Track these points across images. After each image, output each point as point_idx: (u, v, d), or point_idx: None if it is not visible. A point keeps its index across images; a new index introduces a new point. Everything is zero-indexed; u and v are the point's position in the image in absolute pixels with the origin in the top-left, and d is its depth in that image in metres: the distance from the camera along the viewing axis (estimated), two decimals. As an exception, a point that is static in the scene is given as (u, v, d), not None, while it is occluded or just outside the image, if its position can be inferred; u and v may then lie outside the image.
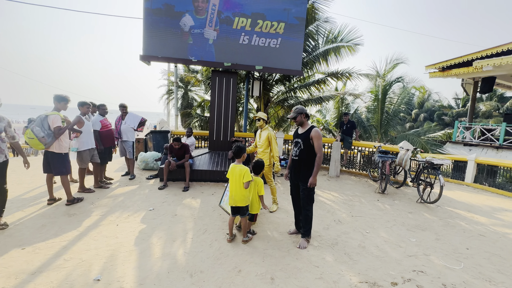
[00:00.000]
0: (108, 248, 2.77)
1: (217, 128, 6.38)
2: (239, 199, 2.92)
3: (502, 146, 9.32)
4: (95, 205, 3.95)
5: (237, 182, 2.91)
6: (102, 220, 3.44)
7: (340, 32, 8.45)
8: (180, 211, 3.87)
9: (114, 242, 2.91)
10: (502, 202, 5.47)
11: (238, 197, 2.91)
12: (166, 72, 15.10)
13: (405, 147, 5.90)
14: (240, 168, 2.93)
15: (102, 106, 5.05)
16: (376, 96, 11.54)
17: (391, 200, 5.04)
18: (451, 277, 2.54)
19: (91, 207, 3.86)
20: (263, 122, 4.00)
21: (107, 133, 4.98)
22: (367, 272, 2.55)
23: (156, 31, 5.64)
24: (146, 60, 5.85)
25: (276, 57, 6.06)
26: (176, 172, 5.25)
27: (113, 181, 5.25)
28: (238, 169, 2.92)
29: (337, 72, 8.87)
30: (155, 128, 8.24)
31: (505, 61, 8.35)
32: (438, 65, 11.44)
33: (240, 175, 2.89)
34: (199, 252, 2.78)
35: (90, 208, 3.82)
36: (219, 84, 6.27)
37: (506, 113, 16.19)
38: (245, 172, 2.90)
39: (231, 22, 5.80)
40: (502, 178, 7.06)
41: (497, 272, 2.69)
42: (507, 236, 3.63)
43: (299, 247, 2.94)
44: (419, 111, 29.54)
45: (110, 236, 3.03)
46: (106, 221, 3.43)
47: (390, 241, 3.25)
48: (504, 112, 18.03)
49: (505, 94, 24.11)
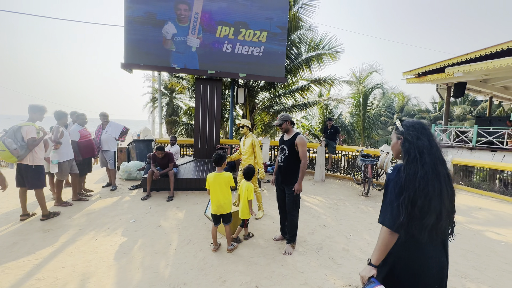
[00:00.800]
0: (85, 264, 2.64)
1: (202, 136, 6.33)
2: (226, 206, 2.92)
3: (475, 147, 9.87)
4: (73, 219, 3.77)
5: (223, 190, 2.92)
6: (80, 235, 3.29)
7: (321, 40, 8.73)
8: (163, 222, 3.77)
9: (93, 257, 2.78)
10: (477, 200, 5.76)
11: (226, 204, 2.92)
12: (150, 79, 14.89)
13: (385, 150, 6.11)
14: (224, 175, 2.95)
15: (81, 115, 4.89)
16: (357, 102, 11.94)
17: (374, 202, 5.17)
18: (430, 275, 2.63)
19: (68, 222, 3.68)
20: (247, 129, 4.02)
21: (86, 143, 4.81)
22: (350, 275, 2.59)
23: (137, 39, 5.59)
24: (127, 68, 5.76)
25: (260, 65, 6.16)
26: (160, 181, 5.14)
27: (93, 193, 5.05)
28: (222, 177, 2.93)
29: (320, 79, 9.13)
30: (139, 136, 8.05)
31: (473, 68, 8.94)
32: (414, 71, 12.04)
33: (226, 182, 2.93)
34: (183, 263, 2.71)
35: (67, 223, 3.64)
36: (203, 91, 6.26)
37: (478, 116, 17.21)
38: (229, 178, 2.96)
39: (214, 30, 5.86)
40: (477, 178, 7.45)
41: (472, 268, 2.82)
42: (481, 233, 3.81)
43: (284, 254, 2.94)
44: (400, 115, 30.76)
45: (88, 252, 2.89)
46: (84, 235, 3.28)
47: (373, 243, 3.32)
48: (476, 115, 19.16)
49: (476, 98, 25.66)
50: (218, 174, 2.95)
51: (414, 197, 1.19)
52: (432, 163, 1.23)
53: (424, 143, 1.26)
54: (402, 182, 1.23)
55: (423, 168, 1.22)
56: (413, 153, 1.26)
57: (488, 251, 3.23)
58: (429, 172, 1.21)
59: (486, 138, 9.67)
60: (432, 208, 1.18)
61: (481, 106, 24.90)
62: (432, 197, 1.19)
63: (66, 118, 4.32)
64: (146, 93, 19.22)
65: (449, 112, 19.35)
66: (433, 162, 1.24)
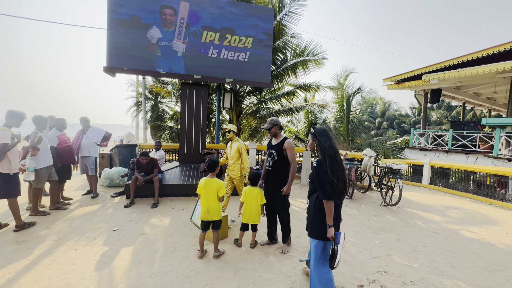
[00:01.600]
0: (63, 277, 2.52)
1: (187, 141, 6.26)
2: (214, 213, 2.89)
3: (451, 150, 10.43)
4: (50, 229, 3.58)
5: (212, 196, 2.89)
6: (57, 246, 3.13)
7: (306, 47, 8.96)
8: (148, 230, 3.67)
9: (71, 269, 2.66)
10: (453, 201, 6.07)
11: (214, 211, 2.89)
12: (134, 83, 14.56)
13: (368, 154, 6.32)
14: (216, 182, 2.93)
15: (60, 120, 4.70)
16: (341, 107, 12.29)
17: (358, 204, 5.32)
18: (410, 274, 2.74)
19: (45, 232, 3.50)
20: (233, 134, 4.03)
21: (65, 149, 4.61)
22: (336, 277, 2.64)
23: (121, 42, 5.49)
24: (110, 72, 5.62)
25: (246, 70, 6.22)
26: (144, 188, 5.01)
27: (73, 201, 4.84)
28: (214, 183, 2.91)
29: (305, 85, 9.33)
30: (122, 142, 7.82)
31: (447, 75, 9.50)
32: (394, 78, 12.62)
33: (216, 189, 2.90)
34: (168, 271, 2.65)
35: (44, 233, 3.46)
36: (189, 96, 6.22)
37: (452, 120, 18.22)
38: (221, 186, 2.92)
39: (199, 35, 5.87)
40: (453, 179, 7.86)
41: (449, 266, 2.96)
42: (456, 232, 4.02)
43: (281, 253, 3.09)
44: (381, 119, 31.92)
45: (66, 263, 2.76)
46: (62, 246, 3.13)
47: (357, 245, 3.42)
48: (451, 120, 20.28)
49: (451, 103, 27.20)
50: (210, 179, 2.94)
51: (332, 176, 2.00)
52: (334, 155, 2.07)
53: (328, 143, 2.11)
54: (324, 169, 2.04)
55: (332, 159, 2.05)
56: (326, 149, 2.08)
57: (463, 249, 3.41)
58: (334, 160, 2.05)
59: (461, 142, 10.25)
60: (340, 180, 2.02)
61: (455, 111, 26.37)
62: (339, 174, 2.04)
63: (45, 123, 4.15)
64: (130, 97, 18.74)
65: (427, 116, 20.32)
66: (335, 154, 2.08)
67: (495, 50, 9.12)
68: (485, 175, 6.98)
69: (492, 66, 8.42)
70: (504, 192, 6.11)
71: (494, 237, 3.87)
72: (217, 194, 2.89)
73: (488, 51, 9.24)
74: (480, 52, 9.46)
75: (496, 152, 8.65)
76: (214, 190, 2.89)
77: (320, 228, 2.12)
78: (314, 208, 2.17)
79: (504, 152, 8.51)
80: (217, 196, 2.90)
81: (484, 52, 9.36)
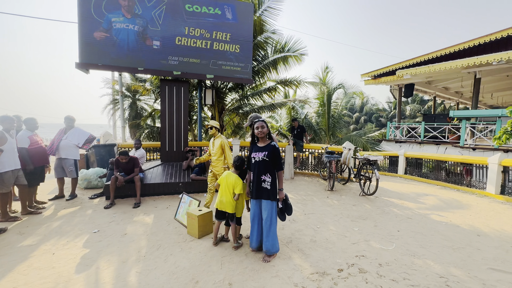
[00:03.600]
0: (42, 282, 2.44)
1: (169, 139, 6.16)
2: (227, 205, 3.03)
3: (423, 141, 11.13)
4: (24, 235, 3.42)
5: (228, 190, 3.02)
6: (33, 251, 3.01)
7: (286, 43, 9.08)
8: (130, 229, 3.62)
9: (50, 273, 2.58)
10: (425, 188, 6.53)
11: (228, 203, 3.03)
12: (110, 80, 13.96)
13: (347, 147, 6.60)
14: (235, 178, 3.03)
15: (30, 120, 4.45)
16: (322, 102, 12.63)
17: (339, 195, 5.57)
18: (385, 256, 2.96)
19: (19, 238, 3.34)
20: (216, 130, 4.05)
21: (37, 150, 4.38)
22: (317, 263, 2.79)
23: (94, 37, 5.25)
24: (83, 68, 5.38)
25: (227, 66, 6.20)
26: (125, 188, 4.90)
27: (47, 204, 4.63)
28: (232, 178, 3.02)
29: (286, 80, 9.48)
30: (99, 141, 7.53)
31: (419, 71, 10.08)
32: (371, 73, 13.15)
33: (232, 185, 3.00)
34: (153, 269, 2.66)
35: (16, 239, 3.30)
36: (169, 93, 6.11)
37: (425, 113, 19.36)
38: (237, 184, 3.00)
39: (180, 27, 5.76)
40: (425, 169, 8.43)
41: (420, 247, 3.22)
42: (427, 217, 4.36)
43: None
44: (360, 114, 33.14)
45: (44, 268, 2.67)
46: (38, 251, 3.01)
47: (337, 233, 3.60)
48: (423, 113, 21.53)
49: (424, 97, 28.81)
50: (232, 174, 3.07)
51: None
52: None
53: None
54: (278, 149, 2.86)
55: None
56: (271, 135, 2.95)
57: (432, 231, 3.71)
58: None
59: (432, 133, 10.96)
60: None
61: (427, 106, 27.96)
62: None
63: (11, 124, 3.89)
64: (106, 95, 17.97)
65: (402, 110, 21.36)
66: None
67: (461, 46, 9.81)
68: (453, 163, 7.56)
69: (457, 62, 9.06)
70: (470, 178, 6.67)
71: (460, 219, 4.24)
72: (232, 190, 3.01)
73: (455, 48, 9.93)
74: (449, 48, 10.13)
75: (462, 142, 9.37)
76: (230, 185, 3.01)
77: (276, 193, 2.84)
78: (275, 180, 2.84)
79: (469, 142, 9.24)
80: (232, 192, 3.01)
81: (451, 48, 10.03)
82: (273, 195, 2.82)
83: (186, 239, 3.35)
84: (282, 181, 2.85)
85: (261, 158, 2.81)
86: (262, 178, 2.82)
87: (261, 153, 2.82)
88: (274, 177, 2.83)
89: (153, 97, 14.45)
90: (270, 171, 2.82)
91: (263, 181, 2.82)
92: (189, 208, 3.80)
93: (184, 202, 4.00)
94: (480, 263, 2.87)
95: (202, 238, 3.37)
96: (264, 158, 2.80)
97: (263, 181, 2.82)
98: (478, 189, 6.20)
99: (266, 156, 2.79)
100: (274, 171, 2.84)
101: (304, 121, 13.47)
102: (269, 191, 2.82)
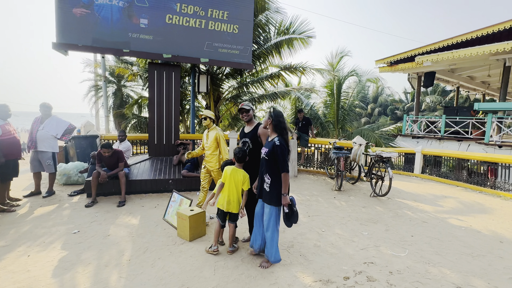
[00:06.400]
0: (16, 286, 2.48)
1: (158, 131, 6.16)
2: (234, 205, 3.03)
3: (444, 137, 11.12)
4: (-4, 235, 3.46)
5: (236, 188, 3.02)
6: (6, 253, 3.04)
7: (292, 24, 8.97)
8: (114, 231, 3.65)
9: (25, 277, 2.61)
10: (444, 189, 6.55)
11: (235, 203, 3.03)
12: (92, 62, 13.85)
13: (358, 142, 6.60)
14: (243, 174, 3.05)
15: (2, 107, 4.43)
16: (331, 91, 12.56)
17: (347, 196, 5.60)
18: (396, 264, 2.99)
19: (-10, 238, 3.37)
20: (210, 121, 4.04)
21: (10, 141, 4.38)
22: (321, 270, 2.82)
23: (74, 14, 5.19)
24: (61, 49, 5.34)
25: (224, 49, 6.15)
26: (109, 184, 4.92)
27: (22, 202, 4.66)
28: (241, 175, 3.03)
29: (291, 66, 9.41)
30: (79, 132, 7.52)
31: (441, 57, 10.00)
32: (387, 59, 13.05)
33: (242, 181, 3.03)
34: (139, 274, 2.69)
35: (-13, 239, 3.33)
36: (158, 79, 6.07)
37: (446, 106, 19.31)
38: (247, 179, 3.04)
39: (170, 5, 5.69)
40: (445, 168, 8.45)
41: (435, 254, 3.26)
42: (445, 221, 4.39)
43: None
44: (374, 105, 33.04)
45: (18, 271, 2.70)
46: (12, 253, 3.04)
47: (344, 237, 3.64)
48: (444, 105, 21.48)
49: (446, 88, 28.66)
50: (237, 170, 3.05)
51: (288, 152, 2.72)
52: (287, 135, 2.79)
53: (284, 125, 2.77)
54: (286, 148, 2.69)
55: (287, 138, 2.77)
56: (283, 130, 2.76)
57: (450, 237, 3.75)
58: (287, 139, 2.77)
59: (453, 128, 10.94)
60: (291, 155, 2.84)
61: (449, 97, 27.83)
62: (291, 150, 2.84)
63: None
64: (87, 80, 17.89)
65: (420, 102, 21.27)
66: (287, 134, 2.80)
67: (489, 30, 9.70)
68: (476, 162, 7.56)
69: (485, 47, 8.97)
70: (494, 179, 6.69)
71: (481, 224, 4.27)
72: (241, 188, 3.03)
73: (483, 31, 9.82)
74: (475, 32, 10.02)
75: (487, 138, 9.36)
76: (240, 182, 3.02)
77: (278, 197, 2.75)
78: (277, 182, 2.74)
79: (495, 138, 9.23)
80: (241, 189, 3.03)
81: (478, 32, 9.92)
82: (272, 199, 2.76)
83: (176, 242, 3.38)
84: (286, 185, 2.69)
85: (263, 156, 2.82)
86: (264, 178, 2.82)
87: (264, 149, 2.83)
88: (274, 179, 2.74)
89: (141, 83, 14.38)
90: (270, 171, 2.76)
91: (265, 181, 2.81)
92: (180, 207, 3.82)
93: (174, 201, 4.02)
94: (501, 272, 2.90)
95: (193, 241, 3.40)
96: (264, 157, 2.78)
97: (264, 181, 2.81)
98: (503, 191, 6.23)
99: (266, 154, 2.76)
100: (276, 171, 2.73)
101: (310, 113, 13.43)
102: (268, 193, 2.78)
